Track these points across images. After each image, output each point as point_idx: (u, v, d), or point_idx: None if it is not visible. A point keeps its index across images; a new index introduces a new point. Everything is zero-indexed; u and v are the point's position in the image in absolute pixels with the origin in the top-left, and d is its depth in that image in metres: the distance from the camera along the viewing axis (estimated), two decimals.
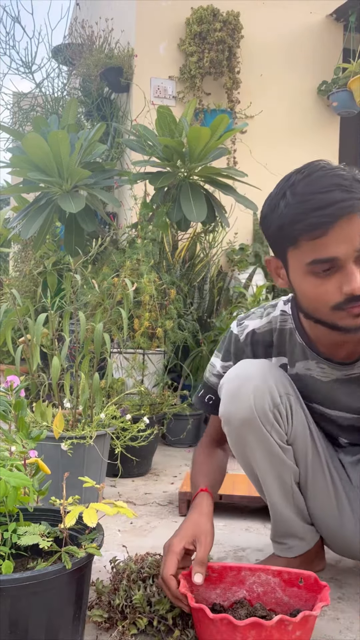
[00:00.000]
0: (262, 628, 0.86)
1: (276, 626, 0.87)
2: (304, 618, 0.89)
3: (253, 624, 0.86)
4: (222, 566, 1.06)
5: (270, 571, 1.03)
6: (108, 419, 1.77)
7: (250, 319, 1.21)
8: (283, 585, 1.01)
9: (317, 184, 0.95)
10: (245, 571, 1.04)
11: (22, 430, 1.11)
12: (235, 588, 1.04)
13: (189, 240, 2.93)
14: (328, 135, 3.62)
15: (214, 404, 1.23)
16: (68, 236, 2.31)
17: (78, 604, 0.92)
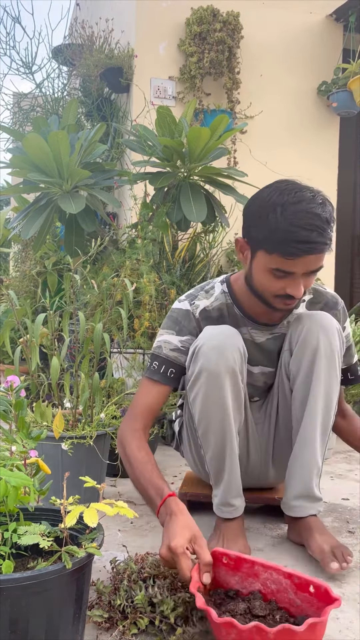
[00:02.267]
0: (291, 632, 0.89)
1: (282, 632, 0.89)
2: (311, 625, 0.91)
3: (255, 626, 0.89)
4: (237, 556, 1.10)
5: (282, 572, 1.06)
6: (108, 419, 1.77)
7: (198, 300, 1.46)
8: (294, 588, 1.04)
9: (303, 219, 1.22)
10: (258, 566, 1.08)
11: (22, 430, 1.11)
12: (252, 580, 1.08)
13: (189, 240, 2.93)
14: (328, 135, 3.63)
15: (175, 376, 1.42)
16: (68, 236, 2.32)
17: (78, 603, 0.92)
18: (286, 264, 1.26)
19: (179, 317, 1.45)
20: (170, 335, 1.44)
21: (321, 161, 3.59)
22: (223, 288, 1.47)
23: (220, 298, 1.46)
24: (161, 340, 1.44)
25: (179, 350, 1.42)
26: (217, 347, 1.31)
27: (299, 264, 1.26)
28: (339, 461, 2.43)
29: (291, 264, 1.26)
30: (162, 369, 1.42)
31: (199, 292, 1.48)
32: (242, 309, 1.45)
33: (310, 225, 1.22)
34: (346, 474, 2.23)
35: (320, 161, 3.59)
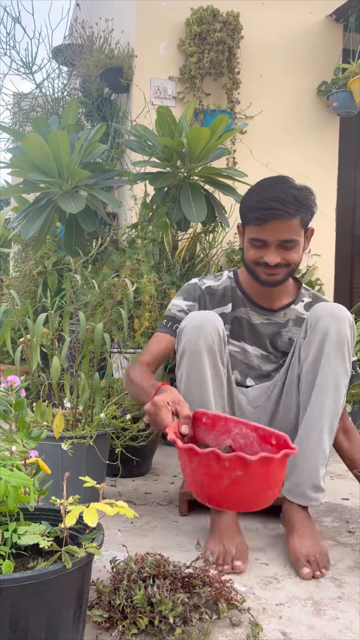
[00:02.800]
0: (244, 461, 1.01)
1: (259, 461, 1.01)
2: (264, 459, 1.02)
3: (212, 451, 1.02)
4: (214, 415, 1.25)
5: (249, 426, 1.21)
6: (108, 419, 1.77)
7: (207, 279, 1.70)
8: (259, 441, 1.17)
9: (270, 193, 1.48)
10: (231, 422, 1.22)
11: (22, 430, 1.11)
12: (225, 437, 1.21)
13: (189, 240, 2.93)
14: (328, 135, 3.62)
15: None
16: (68, 236, 2.31)
17: (78, 603, 0.92)
18: (258, 232, 1.50)
19: (187, 287, 1.70)
20: (178, 300, 1.68)
21: (321, 161, 3.59)
22: (229, 275, 1.72)
23: (225, 282, 1.69)
24: (171, 304, 1.69)
25: (184, 311, 1.66)
26: (197, 326, 1.45)
27: (268, 231, 1.48)
28: (339, 461, 2.43)
29: (262, 231, 1.49)
30: (168, 324, 1.65)
31: (208, 275, 1.75)
32: (244, 292, 1.67)
33: (275, 197, 1.46)
34: (346, 474, 2.23)
35: (320, 161, 3.59)
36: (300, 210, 1.49)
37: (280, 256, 1.51)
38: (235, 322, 1.67)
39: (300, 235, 1.53)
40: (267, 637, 1.08)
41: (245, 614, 1.14)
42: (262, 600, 1.22)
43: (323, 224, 3.60)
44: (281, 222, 1.47)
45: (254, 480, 1.02)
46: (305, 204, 1.50)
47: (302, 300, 1.69)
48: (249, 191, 1.56)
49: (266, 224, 1.48)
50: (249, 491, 1.03)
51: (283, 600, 1.22)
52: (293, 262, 1.54)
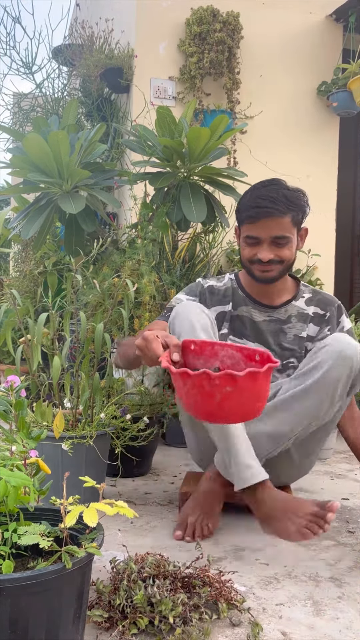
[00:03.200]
0: (232, 377, 1.11)
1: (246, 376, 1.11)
2: (251, 373, 1.12)
3: (204, 372, 1.12)
4: (202, 341, 1.33)
5: (234, 347, 1.30)
6: (108, 419, 1.77)
7: (210, 280, 1.76)
8: (245, 360, 1.27)
9: (262, 193, 1.56)
10: (217, 346, 1.31)
11: (22, 430, 1.11)
12: (213, 360, 1.30)
13: (189, 240, 2.93)
14: (328, 135, 3.62)
15: None
16: (68, 236, 2.31)
17: (78, 603, 0.92)
18: (251, 229, 1.57)
19: (191, 285, 1.76)
20: (181, 294, 1.73)
21: (321, 161, 3.59)
22: (231, 277, 1.78)
23: (227, 283, 1.75)
24: (174, 298, 1.73)
25: None
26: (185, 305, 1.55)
27: (260, 228, 1.56)
28: (339, 461, 2.44)
29: (254, 229, 1.56)
30: (167, 314, 1.67)
31: (211, 277, 1.81)
32: (245, 291, 1.73)
33: (266, 196, 1.55)
34: (346, 474, 2.23)
35: (320, 161, 3.59)
36: (291, 209, 1.56)
37: (272, 253, 1.57)
38: (237, 320, 1.70)
39: (292, 233, 1.59)
40: (267, 637, 1.08)
41: (245, 614, 1.14)
42: (262, 600, 1.22)
43: (323, 224, 3.60)
44: (272, 219, 1.54)
45: (243, 394, 1.13)
46: (296, 203, 1.57)
47: (302, 297, 1.72)
48: (243, 194, 1.63)
49: (258, 221, 1.55)
50: (239, 404, 1.15)
51: (283, 600, 1.22)
52: (286, 258, 1.60)
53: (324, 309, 1.71)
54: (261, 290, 1.70)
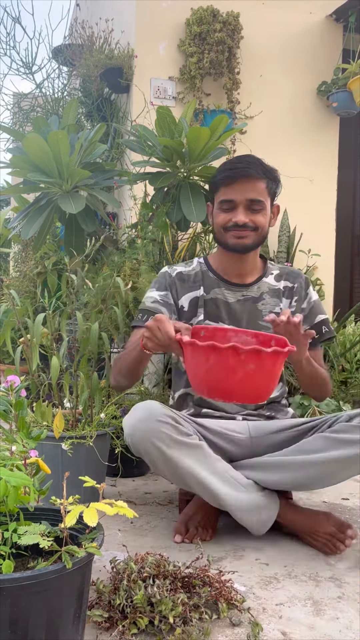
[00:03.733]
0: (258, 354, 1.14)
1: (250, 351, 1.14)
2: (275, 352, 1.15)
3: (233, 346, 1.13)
4: (213, 328, 1.34)
5: (250, 333, 1.31)
6: (108, 419, 1.77)
7: (177, 266, 1.73)
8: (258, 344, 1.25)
9: (238, 159, 1.60)
10: (230, 333, 1.32)
11: (22, 430, 1.11)
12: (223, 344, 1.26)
13: (188, 240, 2.93)
14: (327, 135, 3.62)
15: None
16: (68, 236, 2.31)
17: (78, 603, 0.92)
18: (226, 193, 1.58)
19: (159, 278, 1.72)
20: (151, 292, 1.69)
21: (321, 161, 3.59)
22: (200, 260, 1.75)
23: (196, 267, 1.72)
24: (145, 296, 1.70)
25: (157, 302, 1.66)
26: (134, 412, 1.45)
27: (235, 190, 1.56)
28: None
29: (230, 192, 1.57)
30: (144, 317, 1.63)
31: (179, 263, 1.79)
32: (215, 272, 1.71)
33: (242, 160, 1.58)
34: None
35: (320, 161, 3.59)
36: (266, 175, 1.58)
37: (248, 217, 1.57)
38: (210, 303, 1.67)
39: (267, 200, 1.59)
40: (267, 637, 1.08)
41: (245, 613, 1.14)
42: (262, 600, 1.22)
43: (323, 224, 3.60)
44: (248, 181, 1.55)
45: (262, 373, 1.17)
46: (271, 172, 1.59)
47: (271, 273, 1.72)
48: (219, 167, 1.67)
49: (234, 182, 1.56)
50: (257, 383, 1.18)
51: (283, 600, 1.22)
52: (260, 225, 1.59)
53: (293, 282, 1.70)
54: (232, 267, 1.67)
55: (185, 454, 1.42)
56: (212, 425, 1.58)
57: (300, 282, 1.71)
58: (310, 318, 1.69)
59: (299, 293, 1.70)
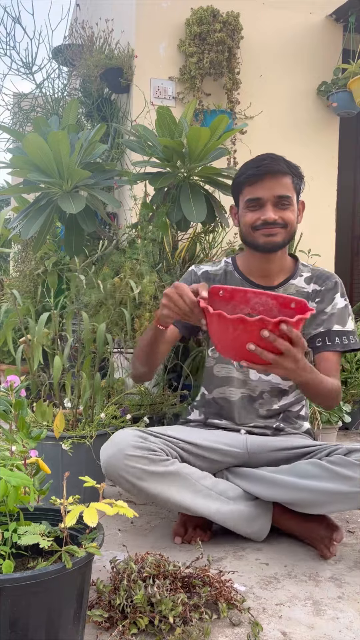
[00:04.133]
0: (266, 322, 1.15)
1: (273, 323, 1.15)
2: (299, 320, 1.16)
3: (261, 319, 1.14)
4: (232, 288, 1.32)
5: (270, 295, 1.29)
6: (108, 419, 1.77)
7: (205, 265, 1.72)
8: (279, 307, 1.26)
9: (260, 157, 1.55)
10: (250, 294, 1.30)
11: (22, 429, 1.11)
12: (242, 306, 1.29)
13: (189, 240, 2.93)
14: (328, 135, 3.62)
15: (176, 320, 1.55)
16: (68, 236, 2.31)
17: (78, 603, 0.92)
18: (252, 191, 1.53)
19: (185, 275, 1.72)
20: None
21: (321, 161, 3.59)
22: (227, 260, 1.72)
23: (223, 267, 1.70)
24: None
25: None
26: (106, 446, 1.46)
27: (262, 188, 1.51)
28: None
29: (257, 189, 1.52)
30: None
31: (207, 262, 1.79)
32: (242, 274, 1.67)
33: (266, 157, 1.54)
34: None
35: (320, 161, 3.59)
36: (291, 170, 1.53)
37: (277, 214, 1.52)
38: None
39: (294, 195, 1.55)
40: (267, 636, 1.08)
41: (245, 613, 1.14)
42: (262, 600, 1.22)
43: (323, 224, 3.60)
44: (275, 178, 1.51)
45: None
46: (295, 168, 1.55)
47: (300, 275, 1.64)
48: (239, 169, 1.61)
49: (261, 180, 1.51)
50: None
51: (283, 600, 1.22)
52: (289, 222, 1.54)
53: (321, 285, 1.63)
54: (259, 268, 1.62)
55: (161, 483, 1.41)
56: (206, 443, 1.55)
57: (327, 284, 1.63)
58: (326, 324, 1.59)
59: (323, 295, 1.62)
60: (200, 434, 1.59)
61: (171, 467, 1.43)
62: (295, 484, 1.42)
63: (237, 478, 1.55)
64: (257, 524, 1.51)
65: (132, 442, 1.41)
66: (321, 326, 1.58)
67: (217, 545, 1.49)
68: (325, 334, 1.58)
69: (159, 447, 1.45)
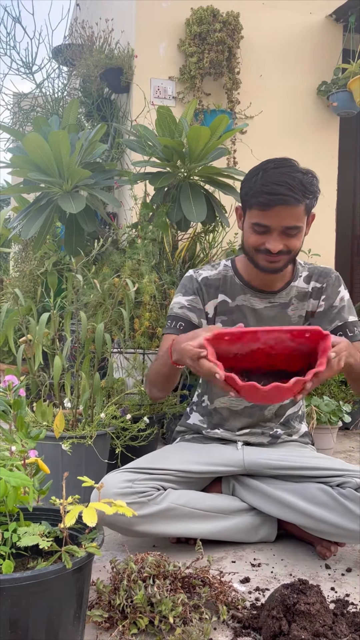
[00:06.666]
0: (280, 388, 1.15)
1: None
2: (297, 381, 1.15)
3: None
4: (240, 332, 1.25)
5: (282, 330, 1.23)
6: (108, 419, 1.77)
7: (203, 270, 1.65)
8: (292, 338, 1.22)
9: (277, 177, 1.41)
10: (261, 333, 1.24)
11: (21, 429, 1.11)
12: (251, 343, 1.25)
13: (189, 240, 2.93)
14: (328, 135, 3.62)
15: (184, 329, 1.57)
16: (68, 236, 2.31)
17: (78, 603, 0.92)
18: (262, 217, 1.44)
19: (184, 282, 1.65)
20: (178, 297, 1.63)
21: (321, 161, 3.59)
22: (227, 263, 1.66)
23: (222, 271, 1.64)
24: (172, 303, 1.64)
25: (185, 307, 1.60)
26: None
27: (272, 216, 1.42)
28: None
29: (265, 216, 1.43)
30: (173, 324, 1.59)
31: (205, 265, 1.68)
32: (242, 278, 1.61)
33: (281, 182, 1.40)
34: None
35: (320, 161, 3.59)
36: (307, 197, 1.43)
37: (282, 243, 1.45)
38: (237, 311, 1.60)
39: (304, 221, 1.48)
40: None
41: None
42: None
43: (323, 224, 3.60)
44: (286, 208, 1.41)
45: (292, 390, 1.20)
46: (311, 189, 1.44)
47: (300, 276, 1.62)
48: (251, 172, 1.48)
49: (271, 209, 1.41)
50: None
51: None
52: (294, 249, 1.49)
53: (322, 282, 1.60)
54: (261, 278, 1.58)
55: (154, 523, 1.39)
56: (201, 468, 1.52)
57: (329, 281, 1.60)
58: (340, 317, 1.58)
59: (328, 291, 1.60)
60: (195, 457, 1.55)
61: (163, 503, 1.40)
62: (303, 509, 1.40)
63: (244, 489, 1.54)
64: (262, 530, 1.52)
65: (118, 491, 1.37)
66: (336, 320, 1.57)
67: (217, 545, 1.49)
68: (343, 326, 1.57)
69: (148, 487, 1.41)
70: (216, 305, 1.61)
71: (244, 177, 1.51)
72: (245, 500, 1.52)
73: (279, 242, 1.45)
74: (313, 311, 1.61)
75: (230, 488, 1.56)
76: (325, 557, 1.43)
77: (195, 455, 1.56)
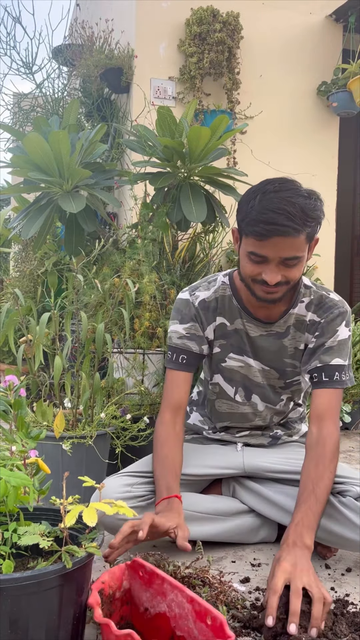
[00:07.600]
0: None
1: None
2: None
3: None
4: (152, 570, 1.05)
5: (185, 595, 1.00)
6: (108, 419, 1.77)
7: (199, 291, 1.52)
8: (194, 616, 0.98)
9: (276, 204, 1.26)
10: (167, 584, 1.03)
11: (21, 429, 1.11)
12: (160, 598, 1.04)
13: (189, 240, 2.93)
14: (328, 135, 3.63)
15: (187, 362, 1.50)
16: (68, 236, 2.31)
17: (78, 603, 0.92)
18: (258, 247, 1.30)
19: (180, 307, 1.52)
20: (175, 325, 1.52)
21: (321, 161, 3.60)
22: (224, 280, 1.52)
23: (219, 290, 1.51)
24: (170, 331, 1.53)
25: (184, 337, 1.50)
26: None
27: (269, 247, 1.28)
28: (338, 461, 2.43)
29: (262, 246, 1.29)
30: (174, 357, 1.51)
31: (201, 283, 1.55)
32: (241, 301, 1.50)
33: (280, 209, 1.25)
34: None
35: (320, 161, 3.59)
36: (308, 225, 1.29)
37: (280, 273, 1.32)
38: (235, 335, 1.51)
39: (305, 250, 1.33)
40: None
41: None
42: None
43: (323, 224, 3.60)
44: (285, 239, 1.27)
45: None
46: (314, 216, 1.29)
47: (301, 301, 1.47)
48: (248, 194, 1.33)
49: (267, 240, 1.28)
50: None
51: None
52: (294, 279, 1.35)
53: (321, 316, 1.45)
54: (259, 306, 1.46)
55: None
56: (200, 471, 1.52)
57: (328, 317, 1.44)
58: (322, 358, 1.42)
59: (323, 329, 1.44)
60: (194, 459, 1.53)
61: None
62: None
63: (244, 491, 1.54)
64: (263, 531, 1.52)
65: (118, 495, 1.35)
66: (316, 361, 1.43)
67: (217, 546, 1.49)
68: (319, 369, 1.42)
69: (147, 490, 1.41)
70: (215, 328, 1.51)
71: (241, 198, 1.37)
72: (245, 502, 1.52)
73: (277, 273, 1.31)
74: (307, 345, 1.48)
75: (230, 489, 1.56)
76: (325, 557, 1.43)
77: (194, 457, 1.54)
